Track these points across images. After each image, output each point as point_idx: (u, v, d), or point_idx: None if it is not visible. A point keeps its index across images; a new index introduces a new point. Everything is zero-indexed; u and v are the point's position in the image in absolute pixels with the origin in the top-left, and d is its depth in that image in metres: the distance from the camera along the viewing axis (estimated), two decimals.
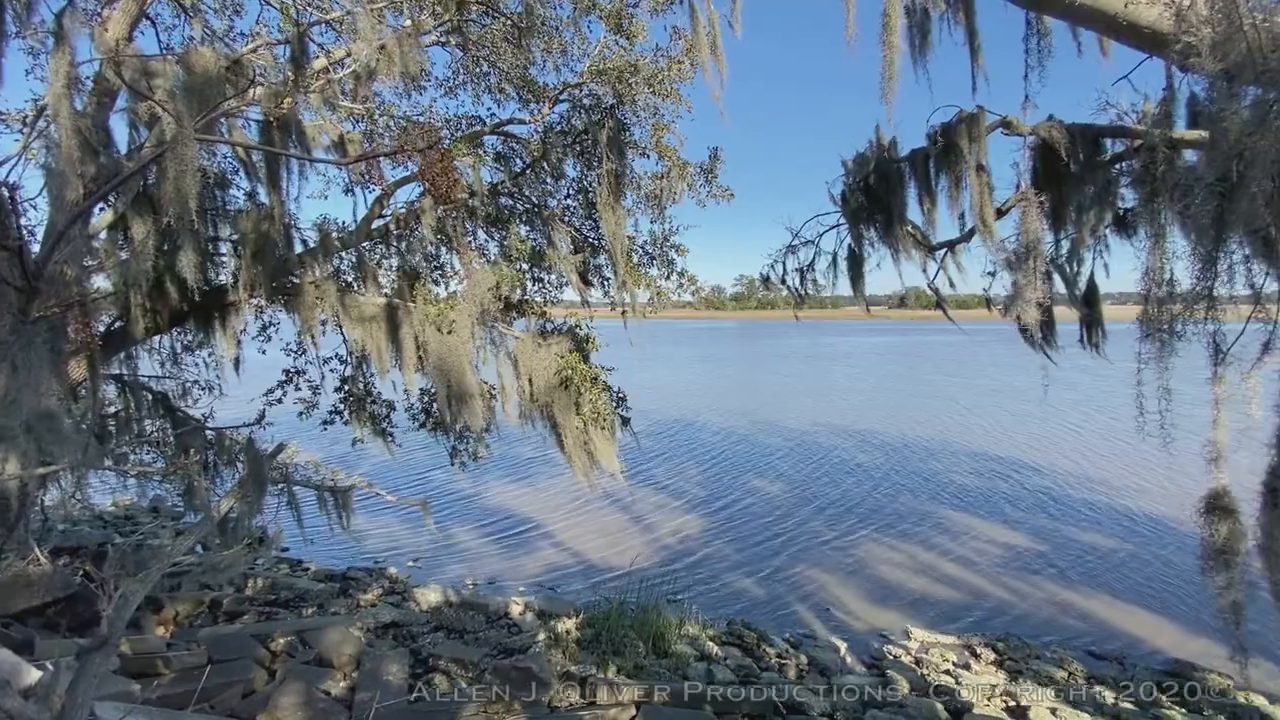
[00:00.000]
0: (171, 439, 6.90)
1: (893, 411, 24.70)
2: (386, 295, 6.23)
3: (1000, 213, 5.16)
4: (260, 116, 5.62)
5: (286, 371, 7.48)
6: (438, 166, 4.12)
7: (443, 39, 7.42)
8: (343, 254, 7.20)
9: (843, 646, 7.74)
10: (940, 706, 5.98)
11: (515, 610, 7.97)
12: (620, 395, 6.50)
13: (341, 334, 6.36)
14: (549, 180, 7.72)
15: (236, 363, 6.91)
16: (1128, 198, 5.43)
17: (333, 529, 6.25)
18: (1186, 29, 1.98)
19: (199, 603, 7.29)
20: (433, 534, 11.18)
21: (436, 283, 7.47)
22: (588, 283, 7.65)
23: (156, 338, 6.79)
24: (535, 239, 7.65)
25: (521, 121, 7.60)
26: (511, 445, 16.59)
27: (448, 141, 7.52)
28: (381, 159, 6.48)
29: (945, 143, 5.50)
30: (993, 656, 7.40)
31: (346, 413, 7.72)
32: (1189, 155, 3.99)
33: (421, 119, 7.68)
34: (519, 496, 13.98)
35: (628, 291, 7.24)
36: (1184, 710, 6.30)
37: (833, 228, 6.65)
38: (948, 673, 6.95)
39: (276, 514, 6.00)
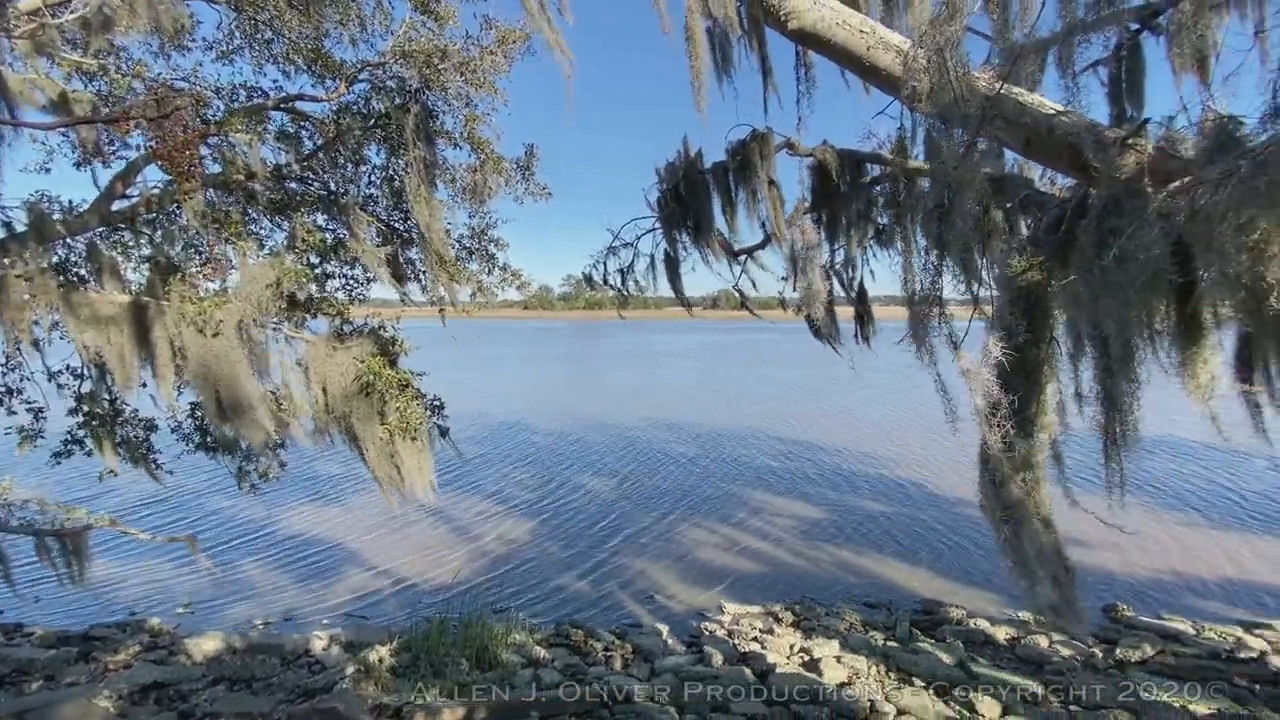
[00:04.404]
0: None
1: (709, 404, 26.63)
2: (133, 292, 5.16)
3: (789, 223, 5.76)
4: None
5: None
6: (178, 139, 3.47)
7: None
8: (70, 241, 5.84)
9: (665, 630, 8.13)
10: (749, 671, 6.55)
11: (318, 646, 7.12)
12: (436, 402, 6.11)
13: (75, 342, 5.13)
14: (348, 166, 7.01)
15: None
16: (885, 215, 6.41)
17: (62, 582, 5.03)
18: (911, 75, 2.36)
19: None
20: (209, 573, 9.56)
21: (210, 279, 6.39)
22: (401, 278, 7.09)
23: None
24: (334, 229, 6.89)
25: (314, 99, 6.78)
26: (313, 462, 14.86)
27: (220, 113, 6.48)
28: (135, 126, 5.35)
29: (741, 158, 6.00)
30: (791, 619, 8.31)
31: (88, 439, 6.29)
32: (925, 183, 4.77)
33: (186, 84, 6.50)
34: (323, 518, 12.55)
35: (446, 287, 6.84)
36: (933, 641, 7.62)
37: (650, 231, 6.93)
38: (755, 639, 7.64)
39: None
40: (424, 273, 6.84)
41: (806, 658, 7.06)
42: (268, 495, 9.78)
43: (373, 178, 7.00)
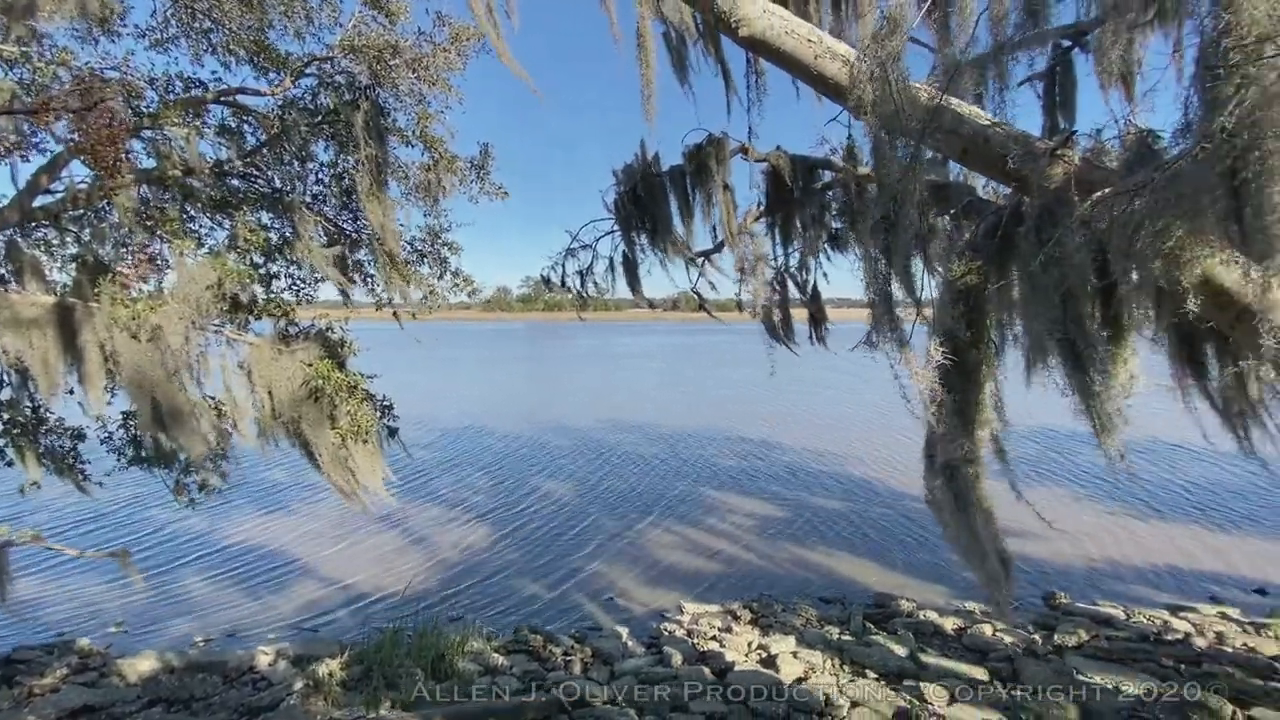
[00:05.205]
0: None
1: (669, 405, 26.77)
2: (58, 293, 4.87)
3: (740, 229, 5.85)
4: None
5: None
6: (103, 132, 3.28)
7: None
8: None
9: (624, 632, 8.13)
10: (708, 670, 6.61)
11: (263, 661, 6.84)
12: (386, 404, 5.96)
13: None
14: (294, 163, 6.78)
15: None
16: (838, 220, 6.56)
17: None
18: (856, 86, 2.43)
19: None
20: (145, 589, 9.07)
21: (145, 279, 6.07)
22: (350, 279, 6.90)
23: None
24: (279, 228, 6.65)
25: (257, 92, 6.54)
26: (258, 470, 14.30)
27: (155, 104, 6.18)
28: (56, 117, 5.05)
29: (697, 163, 6.07)
30: (749, 616, 8.42)
31: (9, 449, 5.91)
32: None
33: (116, 73, 6.16)
34: (270, 529, 12.07)
35: (397, 289, 6.69)
36: (885, 633, 7.84)
37: (608, 233, 6.93)
38: (714, 638, 7.72)
39: None
40: (372, 276, 6.69)
41: (764, 654, 7.16)
42: (210, 506, 9.35)
43: (320, 176, 6.80)
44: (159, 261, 5.00)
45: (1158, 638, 7.48)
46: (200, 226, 6.63)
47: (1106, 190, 2.24)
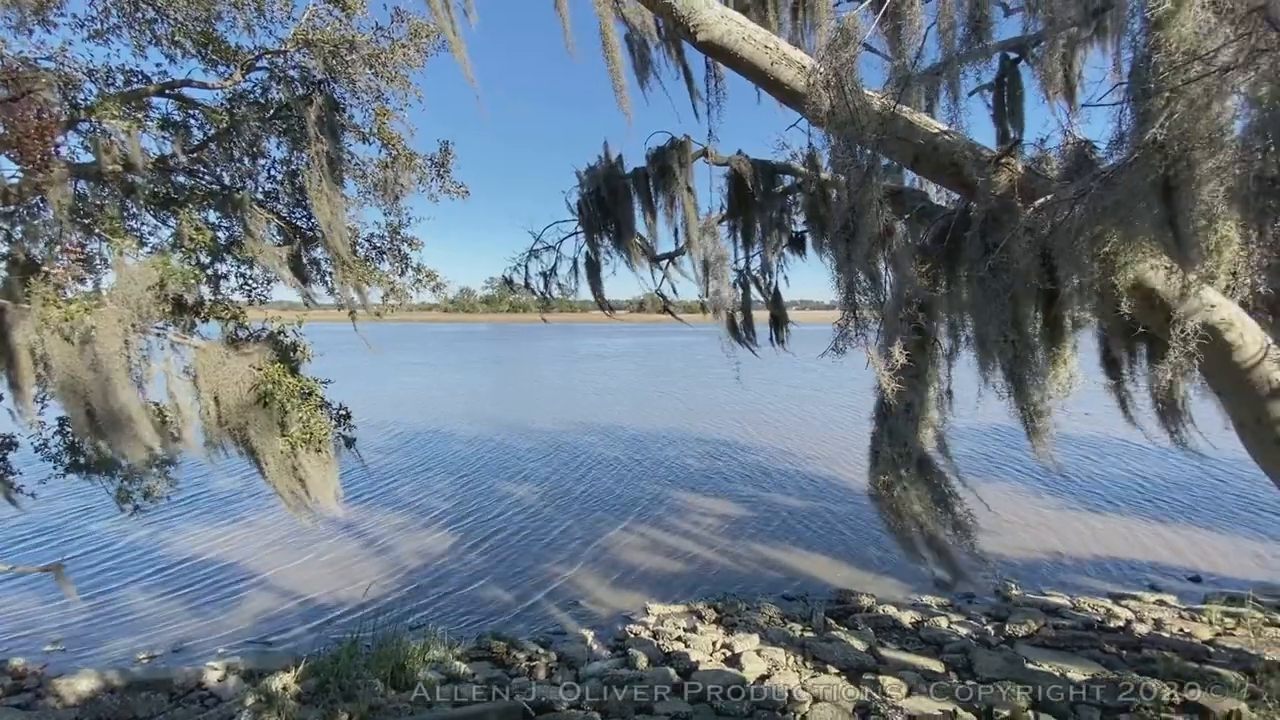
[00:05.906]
0: None
1: (635, 406, 26.79)
2: None
3: (702, 232, 5.90)
4: None
5: None
6: (31, 125, 3.10)
7: None
8: None
9: (590, 635, 8.08)
10: (673, 671, 6.62)
11: (212, 677, 6.57)
12: (342, 411, 5.80)
13: None
14: (245, 159, 6.55)
15: None
16: (798, 223, 6.66)
17: None
18: (812, 92, 2.47)
19: None
20: (84, 605, 8.61)
21: (81, 279, 5.76)
22: (305, 279, 6.69)
23: None
24: (228, 227, 6.41)
25: (204, 86, 6.30)
26: (207, 477, 13.74)
27: (92, 97, 5.90)
28: None
29: (660, 165, 6.08)
30: (714, 616, 8.47)
31: None
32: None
33: (51, 64, 5.84)
34: (220, 538, 11.60)
35: (354, 288, 6.52)
36: (845, 629, 7.99)
37: (572, 234, 6.89)
38: (679, 639, 7.74)
39: None
40: (330, 274, 6.50)
41: (728, 653, 7.22)
42: (158, 516, 8.95)
43: (273, 172, 6.58)
44: (95, 261, 4.76)
45: (1101, 625, 7.81)
46: (143, 225, 6.35)
47: (1049, 197, 2.33)
